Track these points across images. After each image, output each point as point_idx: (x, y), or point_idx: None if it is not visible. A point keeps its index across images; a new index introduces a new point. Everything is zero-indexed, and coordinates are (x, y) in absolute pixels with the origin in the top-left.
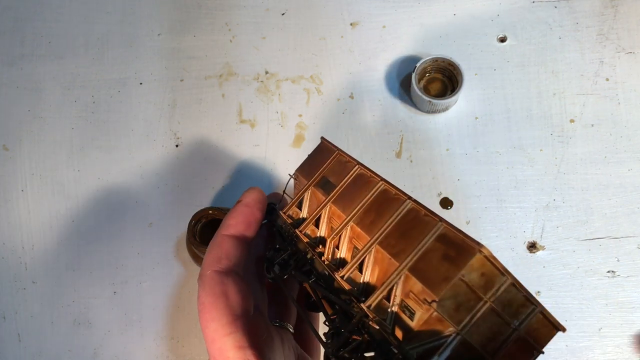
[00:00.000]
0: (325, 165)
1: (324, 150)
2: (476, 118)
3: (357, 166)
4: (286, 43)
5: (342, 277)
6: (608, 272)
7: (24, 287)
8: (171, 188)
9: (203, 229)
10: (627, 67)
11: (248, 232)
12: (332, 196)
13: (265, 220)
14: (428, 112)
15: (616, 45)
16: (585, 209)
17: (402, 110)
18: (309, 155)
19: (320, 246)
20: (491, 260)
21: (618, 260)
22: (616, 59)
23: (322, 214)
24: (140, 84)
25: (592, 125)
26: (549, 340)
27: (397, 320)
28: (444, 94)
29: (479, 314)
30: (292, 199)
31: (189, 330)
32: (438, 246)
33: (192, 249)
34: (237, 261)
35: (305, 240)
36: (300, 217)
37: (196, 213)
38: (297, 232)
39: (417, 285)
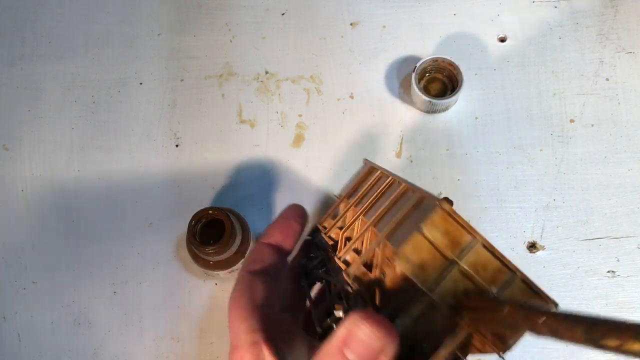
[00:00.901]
0: (364, 182)
1: (368, 171)
2: (476, 118)
3: (397, 182)
4: (286, 43)
5: (339, 258)
6: (608, 272)
7: (24, 287)
8: (171, 188)
9: (203, 229)
10: (627, 67)
11: (285, 243)
12: (364, 210)
13: (310, 237)
14: (428, 112)
15: (616, 45)
16: (585, 209)
17: (402, 110)
18: (353, 175)
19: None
20: (454, 216)
21: (618, 260)
22: (616, 58)
23: (355, 228)
24: (140, 84)
25: (592, 125)
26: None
27: (379, 286)
28: (444, 94)
29: (446, 275)
30: (331, 214)
31: (189, 330)
32: (412, 212)
33: (192, 249)
34: (269, 266)
35: (343, 267)
36: (339, 234)
37: (196, 213)
38: (336, 259)
39: (388, 249)
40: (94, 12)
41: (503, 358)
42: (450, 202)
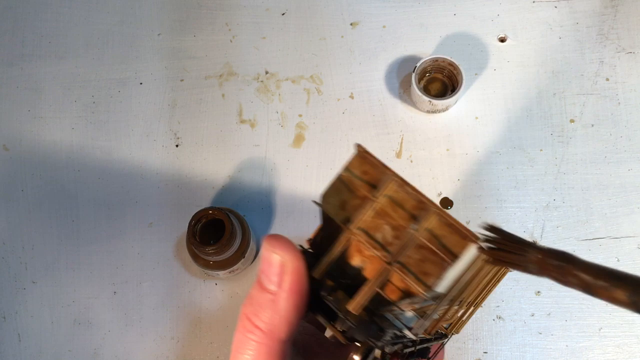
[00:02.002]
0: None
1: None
2: (476, 118)
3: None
4: (286, 43)
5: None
6: None
7: (24, 287)
8: (171, 188)
9: (203, 229)
10: (627, 67)
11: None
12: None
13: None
14: (428, 112)
15: (616, 45)
16: (586, 209)
17: (402, 110)
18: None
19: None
20: (370, 158)
21: (618, 260)
22: (616, 58)
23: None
24: (141, 83)
25: (592, 125)
26: (461, 250)
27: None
28: (444, 94)
29: (364, 212)
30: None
31: (189, 330)
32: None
33: (192, 249)
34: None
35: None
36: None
37: (196, 213)
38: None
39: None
40: (94, 12)
41: (426, 295)
42: (450, 203)
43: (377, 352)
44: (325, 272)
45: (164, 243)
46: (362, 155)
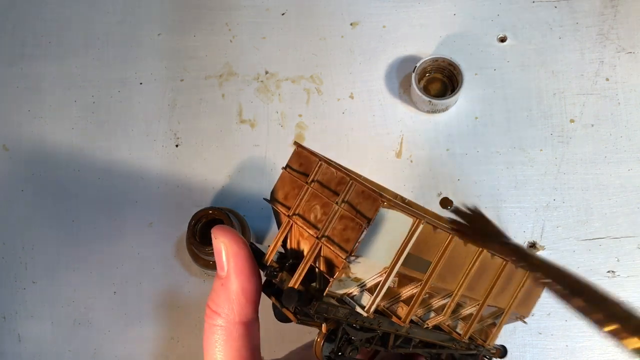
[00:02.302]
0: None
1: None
2: (476, 118)
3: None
4: (286, 43)
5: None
6: (608, 272)
7: (24, 287)
8: (171, 188)
9: (203, 229)
10: (627, 67)
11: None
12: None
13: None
14: (428, 112)
15: (616, 45)
16: (585, 209)
17: (402, 110)
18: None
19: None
20: (305, 149)
21: (618, 261)
22: (616, 58)
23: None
24: (140, 83)
25: (592, 125)
26: (373, 213)
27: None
28: (444, 94)
29: (303, 198)
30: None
31: (189, 330)
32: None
33: (192, 249)
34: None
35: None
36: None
37: (196, 213)
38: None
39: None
40: (94, 12)
41: (347, 260)
42: (450, 203)
43: (324, 327)
44: (272, 257)
45: (164, 243)
46: (298, 151)
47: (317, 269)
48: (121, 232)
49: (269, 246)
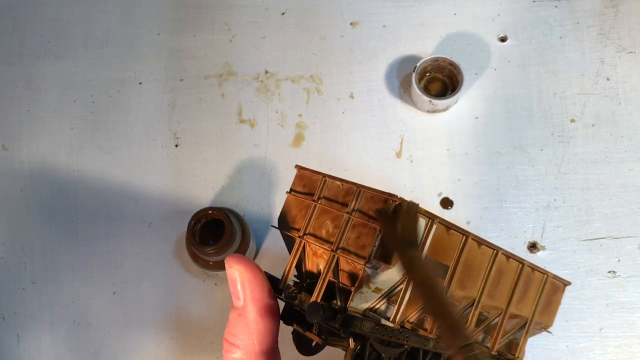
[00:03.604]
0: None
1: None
2: (476, 118)
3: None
4: (286, 43)
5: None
6: (609, 272)
7: (23, 287)
8: (171, 188)
9: (203, 229)
10: (627, 67)
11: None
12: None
13: None
14: (428, 112)
15: (617, 45)
16: (586, 209)
17: (402, 110)
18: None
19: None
20: (307, 170)
21: (619, 261)
22: (617, 58)
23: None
24: (140, 83)
25: (593, 125)
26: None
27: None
28: (444, 93)
29: (312, 217)
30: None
31: (189, 330)
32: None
33: (192, 249)
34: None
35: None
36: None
37: (196, 213)
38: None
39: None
40: (94, 12)
41: (367, 267)
42: (450, 203)
43: (351, 342)
44: (288, 281)
45: (163, 243)
46: (300, 173)
47: (337, 284)
48: (121, 232)
49: (284, 273)
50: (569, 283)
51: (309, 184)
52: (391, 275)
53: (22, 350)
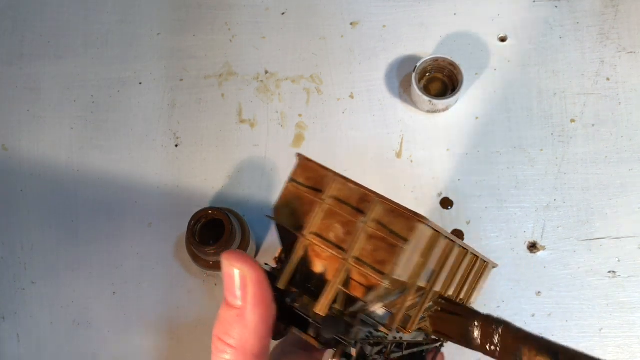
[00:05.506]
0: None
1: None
2: (476, 118)
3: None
4: (286, 43)
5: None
6: (609, 272)
7: (23, 287)
8: (171, 188)
9: (203, 229)
10: (627, 67)
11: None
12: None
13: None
14: (428, 112)
15: (617, 45)
16: (586, 209)
17: (402, 110)
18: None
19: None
20: (311, 162)
21: (619, 261)
22: (617, 58)
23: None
24: (140, 83)
25: (593, 125)
26: (410, 233)
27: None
28: (444, 93)
29: (314, 215)
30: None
31: (189, 330)
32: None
33: (192, 249)
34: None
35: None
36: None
37: (196, 213)
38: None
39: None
40: (94, 12)
41: (385, 283)
42: (450, 203)
43: (353, 351)
44: (290, 281)
45: (163, 243)
46: (304, 163)
47: (343, 292)
48: (121, 232)
49: (275, 266)
50: (497, 265)
51: (314, 178)
52: (393, 283)
53: (22, 350)
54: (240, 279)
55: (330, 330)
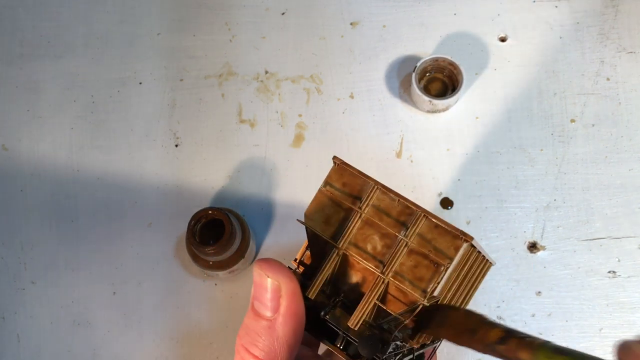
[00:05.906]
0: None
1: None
2: (476, 118)
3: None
4: (286, 43)
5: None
6: (609, 272)
7: (23, 287)
8: (171, 188)
9: (203, 229)
10: (628, 67)
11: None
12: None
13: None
14: (428, 112)
15: (617, 45)
16: (586, 209)
17: (402, 110)
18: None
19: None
20: (349, 168)
21: (619, 261)
22: (617, 58)
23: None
24: (140, 83)
25: (593, 125)
26: (455, 252)
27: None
28: (444, 93)
29: (350, 224)
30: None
31: (189, 331)
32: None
33: (192, 249)
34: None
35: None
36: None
37: (196, 213)
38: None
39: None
40: (94, 12)
41: (425, 301)
42: (450, 203)
43: None
44: (320, 291)
45: (163, 243)
46: (340, 167)
47: (381, 307)
48: (121, 232)
49: (314, 277)
50: (494, 263)
51: (350, 185)
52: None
53: (22, 350)
54: (272, 290)
55: (368, 350)
